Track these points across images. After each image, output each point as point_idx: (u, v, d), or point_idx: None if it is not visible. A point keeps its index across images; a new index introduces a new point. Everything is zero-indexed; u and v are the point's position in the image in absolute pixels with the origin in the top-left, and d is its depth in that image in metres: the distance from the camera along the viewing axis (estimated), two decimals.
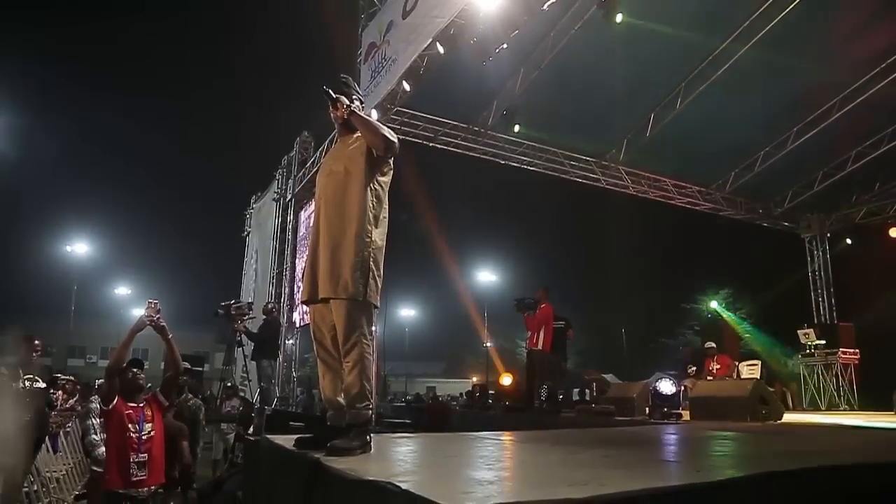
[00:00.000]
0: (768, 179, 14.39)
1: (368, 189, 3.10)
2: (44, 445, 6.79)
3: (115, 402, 4.46)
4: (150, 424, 4.54)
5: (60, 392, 9.27)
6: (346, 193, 3.10)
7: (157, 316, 4.59)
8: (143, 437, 4.46)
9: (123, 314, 39.18)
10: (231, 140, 74.89)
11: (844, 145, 13.28)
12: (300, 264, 16.19)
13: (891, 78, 10.89)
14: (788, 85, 11.51)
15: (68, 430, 8.39)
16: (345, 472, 2.22)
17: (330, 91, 3.23)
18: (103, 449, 5.54)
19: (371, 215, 3.07)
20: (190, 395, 6.75)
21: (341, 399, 3.05)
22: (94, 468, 5.97)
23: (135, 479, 4.36)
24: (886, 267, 15.39)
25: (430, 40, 9.54)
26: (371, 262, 3.00)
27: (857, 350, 12.19)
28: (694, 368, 11.43)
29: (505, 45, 9.32)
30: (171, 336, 4.74)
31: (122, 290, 42.60)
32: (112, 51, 74.51)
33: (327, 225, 3.09)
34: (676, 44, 10.61)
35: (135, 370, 4.67)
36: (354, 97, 3.35)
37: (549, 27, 10.33)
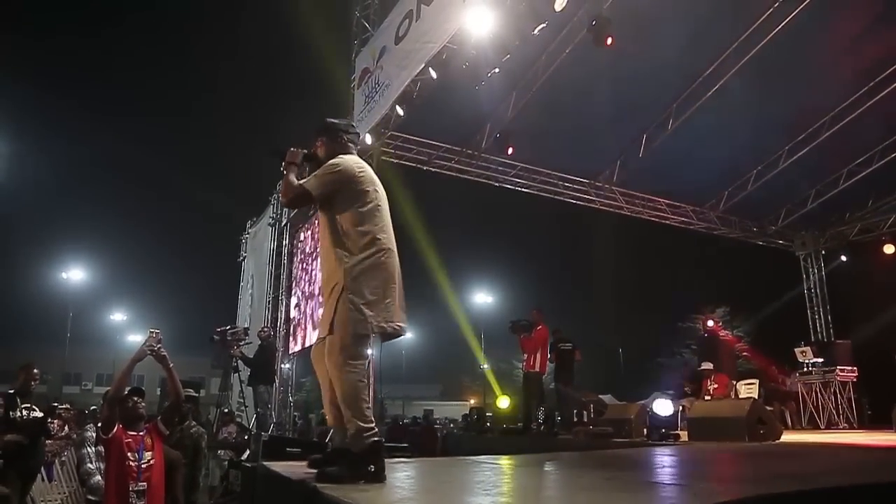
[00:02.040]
0: (761, 198, 14.47)
1: (338, 225, 3.14)
2: (39, 475, 6.74)
3: (115, 430, 4.44)
4: (149, 453, 4.52)
5: (57, 421, 9.18)
6: (325, 232, 3.21)
7: (159, 346, 4.59)
8: (143, 466, 4.44)
9: (119, 340, 39.05)
10: (226, 165, 75.11)
11: (836, 163, 13.39)
12: (296, 290, 16.18)
13: (879, 96, 11.03)
14: (778, 105, 11.63)
15: (64, 459, 8.31)
16: (342, 500, 2.21)
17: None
18: (99, 478, 5.49)
19: (344, 252, 3.09)
20: (193, 423, 6.68)
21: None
22: (90, 497, 5.91)
23: None
24: (882, 283, 15.46)
25: (423, 65, 9.65)
26: (350, 296, 2.99)
27: (855, 367, 12.15)
28: (690, 388, 11.40)
29: (497, 70, 9.42)
30: (171, 365, 4.72)
31: (118, 317, 42.43)
32: (108, 75, 74.96)
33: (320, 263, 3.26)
34: (666, 66, 10.74)
35: (136, 398, 4.66)
36: (333, 138, 3.40)
37: (540, 51, 10.45)
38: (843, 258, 16.07)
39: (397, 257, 3.22)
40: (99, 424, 5.95)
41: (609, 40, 9.34)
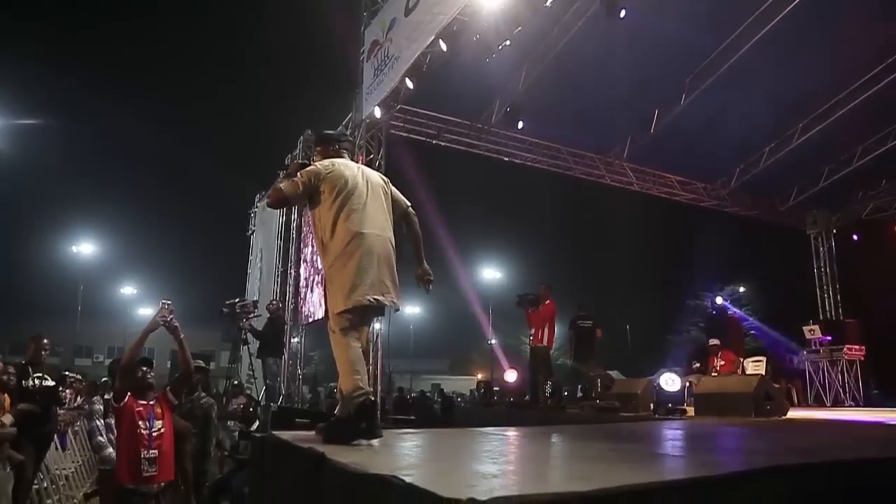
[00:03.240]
0: (773, 176, 14.34)
1: (317, 220, 3.54)
2: (53, 444, 6.85)
3: (126, 399, 4.52)
4: (160, 422, 4.60)
5: (69, 391, 9.33)
6: (312, 226, 3.64)
7: (171, 317, 4.66)
8: (154, 434, 4.52)
9: (129, 313, 39.39)
10: (235, 139, 75.00)
11: (850, 141, 13.24)
12: (304, 265, 16.23)
13: (895, 75, 10.85)
14: (793, 80, 11.46)
15: (76, 428, 8.45)
16: (350, 466, 2.24)
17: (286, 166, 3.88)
18: (111, 450, 5.58)
19: (323, 245, 3.47)
20: (203, 394, 6.76)
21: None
22: (102, 467, 6.01)
23: (145, 474, 4.42)
24: (893, 263, 15.36)
25: (433, 37, 9.54)
26: (330, 285, 3.43)
27: (863, 346, 12.13)
28: (698, 364, 11.41)
29: (508, 42, 9.32)
30: (182, 336, 4.80)
31: (128, 290, 42.76)
32: (116, 52, 74.63)
33: None
34: (680, 40, 10.58)
35: (144, 368, 4.74)
36: (327, 147, 3.77)
37: (551, 23, 10.31)
38: (855, 237, 15.96)
39: (376, 237, 3.46)
40: (106, 396, 6.05)
41: (622, 13, 9.22)
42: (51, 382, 6.21)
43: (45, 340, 6.40)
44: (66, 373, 7.61)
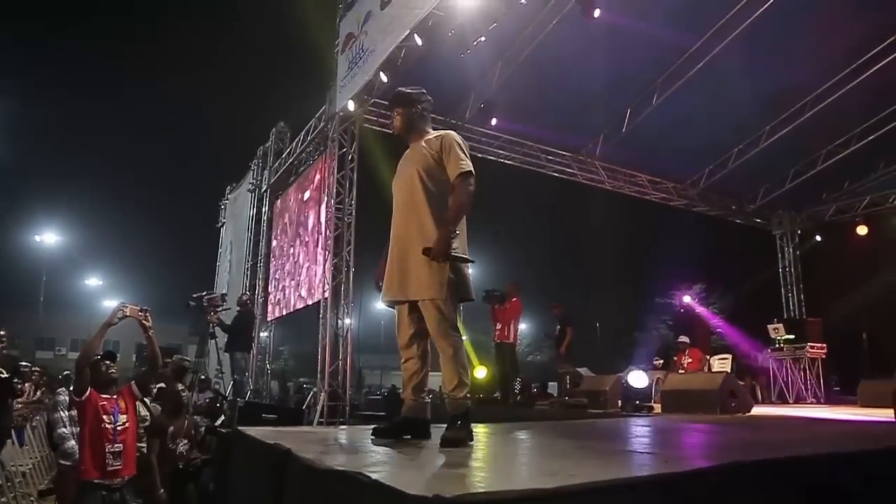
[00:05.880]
0: (741, 176, 14.54)
1: (443, 195, 3.37)
2: (10, 440, 6.69)
3: (87, 393, 4.46)
4: (124, 416, 4.58)
5: (29, 384, 9.11)
6: (422, 198, 3.35)
7: (147, 322, 4.72)
8: (118, 428, 4.50)
9: (94, 305, 38.65)
10: (206, 130, 73.86)
11: (815, 144, 13.50)
12: (280, 260, 16.04)
13: (860, 79, 11.08)
14: (762, 83, 11.63)
15: (35, 424, 8.25)
16: (316, 462, 2.21)
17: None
18: (73, 442, 5.48)
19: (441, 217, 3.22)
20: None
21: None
22: (62, 462, 5.88)
23: (110, 468, 4.40)
24: (854, 264, 15.76)
25: (408, 32, 9.50)
26: (457, 264, 3.21)
27: (825, 345, 12.40)
28: (661, 361, 11.59)
29: (483, 38, 9.32)
30: (152, 332, 4.79)
31: (93, 281, 41.97)
32: (83, 40, 72.98)
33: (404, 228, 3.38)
34: (653, 40, 10.66)
35: (107, 362, 4.70)
36: (409, 108, 3.72)
37: (527, 21, 10.32)
38: (818, 238, 16.31)
39: None
40: (72, 388, 5.94)
41: (596, 13, 9.26)
42: (5, 374, 6.07)
43: (1, 332, 6.27)
44: (23, 363, 7.43)
